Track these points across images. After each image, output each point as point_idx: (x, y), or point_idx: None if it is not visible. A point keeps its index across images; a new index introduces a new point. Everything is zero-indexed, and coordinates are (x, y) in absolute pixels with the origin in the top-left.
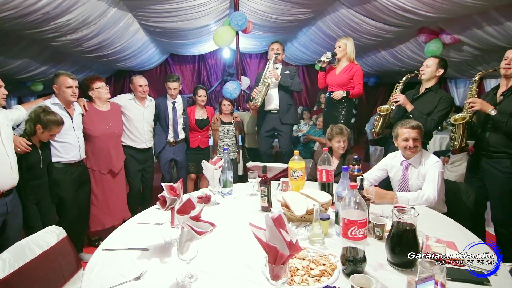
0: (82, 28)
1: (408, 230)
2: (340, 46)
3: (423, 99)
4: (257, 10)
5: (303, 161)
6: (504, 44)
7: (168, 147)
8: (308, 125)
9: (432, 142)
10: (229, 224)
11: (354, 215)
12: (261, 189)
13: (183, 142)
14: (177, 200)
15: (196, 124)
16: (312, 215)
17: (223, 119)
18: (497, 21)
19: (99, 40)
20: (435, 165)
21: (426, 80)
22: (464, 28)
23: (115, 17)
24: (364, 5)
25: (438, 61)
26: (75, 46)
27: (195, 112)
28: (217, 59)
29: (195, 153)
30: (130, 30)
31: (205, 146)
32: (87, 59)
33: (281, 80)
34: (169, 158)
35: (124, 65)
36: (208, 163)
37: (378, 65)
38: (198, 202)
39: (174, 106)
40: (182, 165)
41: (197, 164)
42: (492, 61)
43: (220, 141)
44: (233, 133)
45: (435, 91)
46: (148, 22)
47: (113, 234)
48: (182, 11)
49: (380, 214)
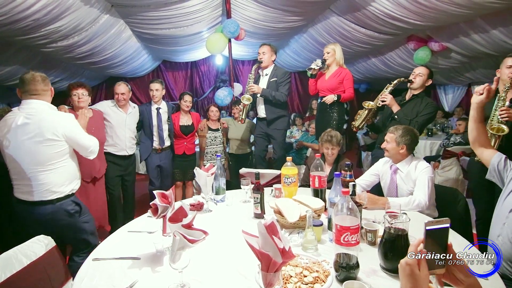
0: (73, 34)
1: (400, 235)
2: (329, 52)
3: (409, 105)
4: (249, 17)
5: (296, 167)
6: (490, 51)
7: (154, 154)
8: (300, 131)
9: (423, 148)
10: (222, 231)
11: (347, 221)
12: (254, 195)
13: (169, 149)
14: (169, 208)
15: (181, 131)
16: (305, 221)
17: (211, 126)
18: (483, 29)
19: (90, 46)
20: (425, 170)
21: (415, 88)
22: (451, 36)
23: (107, 24)
24: (354, 13)
25: (428, 71)
26: (66, 52)
27: (180, 118)
28: (210, 65)
29: (181, 160)
30: (122, 36)
31: (191, 153)
32: (78, 65)
33: (263, 93)
34: (155, 164)
35: (116, 71)
36: (201, 170)
37: (369, 71)
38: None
39: (158, 112)
40: (168, 172)
41: (183, 171)
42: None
43: (208, 148)
44: (220, 139)
45: (421, 97)
46: (140, 29)
47: (103, 243)
48: (174, 18)
49: (372, 220)
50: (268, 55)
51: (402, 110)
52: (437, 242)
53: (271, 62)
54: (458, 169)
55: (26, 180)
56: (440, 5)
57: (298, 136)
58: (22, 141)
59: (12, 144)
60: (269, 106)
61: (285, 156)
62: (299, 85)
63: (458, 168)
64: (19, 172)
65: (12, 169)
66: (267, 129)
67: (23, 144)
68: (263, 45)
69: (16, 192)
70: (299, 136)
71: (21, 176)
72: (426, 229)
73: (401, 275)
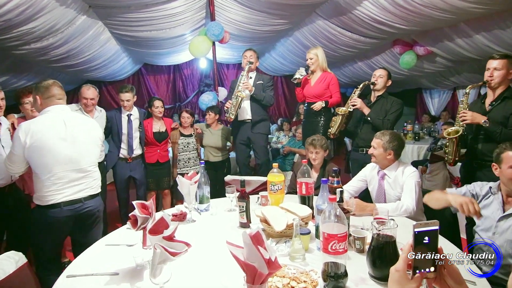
0: (48, 36)
1: (388, 242)
2: (312, 57)
3: (376, 106)
4: (234, 20)
5: (282, 174)
6: (474, 55)
7: (124, 164)
8: (287, 137)
9: (410, 152)
10: (206, 242)
11: (334, 228)
12: (239, 204)
13: (140, 158)
14: (149, 219)
15: (154, 138)
16: (292, 230)
17: (183, 132)
18: (467, 34)
19: (66, 49)
20: (411, 175)
21: (379, 89)
22: (436, 40)
23: (84, 25)
24: (340, 17)
25: (387, 73)
26: (40, 55)
27: (153, 125)
28: (194, 69)
29: (154, 168)
30: (100, 38)
31: (165, 161)
32: (52, 69)
33: (255, 92)
34: (126, 175)
35: (94, 75)
36: (184, 178)
37: (355, 75)
38: (172, 220)
39: (129, 119)
40: (142, 182)
41: (157, 180)
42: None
43: (180, 155)
44: (193, 146)
45: (385, 97)
46: (120, 30)
47: (78, 258)
48: (156, 20)
49: (360, 227)
50: (254, 60)
51: (372, 111)
52: (426, 245)
53: (255, 67)
54: (445, 173)
55: (81, 179)
56: (424, 10)
57: (285, 141)
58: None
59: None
60: (255, 107)
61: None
62: (285, 89)
63: (445, 173)
64: (77, 171)
65: (59, 172)
66: (249, 133)
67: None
68: (249, 50)
69: (54, 197)
70: (286, 142)
71: (76, 176)
72: (415, 231)
73: (391, 282)
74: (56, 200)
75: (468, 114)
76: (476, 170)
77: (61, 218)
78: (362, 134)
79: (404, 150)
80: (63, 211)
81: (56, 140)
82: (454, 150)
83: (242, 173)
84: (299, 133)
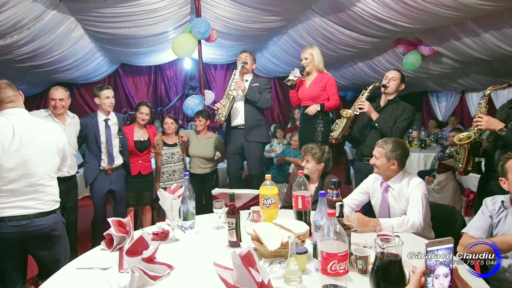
0: (13, 33)
1: (393, 261)
2: (307, 57)
3: (386, 111)
4: (221, 16)
5: (276, 186)
6: (483, 56)
7: (104, 176)
8: (282, 145)
9: (416, 161)
10: (191, 264)
11: (334, 247)
12: (229, 220)
13: (122, 169)
14: (126, 238)
15: (136, 147)
16: (287, 249)
17: (166, 141)
18: (475, 33)
19: (33, 47)
20: (417, 187)
21: (390, 93)
22: (442, 39)
23: (54, 21)
24: (338, 14)
25: (401, 75)
26: (3, 54)
27: (134, 133)
28: (177, 70)
29: (135, 181)
30: (72, 36)
31: (148, 172)
32: (17, 69)
33: (248, 93)
34: (105, 189)
35: (65, 76)
36: (166, 192)
37: (355, 77)
38: (152, 239)
39: (107, 124)
40: (122, 196)
41: (138, 194)
42: (473, 73)
43: (164, 167)
44: (179, 156)
45: (396, 102)
46: (95, 27)
47: (44, 284)
48: (135, 16)
49: (363, 245)
50: (250, 62)
51: (381, 117)
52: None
53: (251, 70)
54: (454, 184)
55: (31, 193)
56: (429, 7)
57: (279, 150)
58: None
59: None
60: (250, 111)
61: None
62: (279, 92)
63: (454, 183)
64: (25, 184)
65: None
66: (243, 141)
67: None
68: (244, 52)
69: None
70: (280, 150)
71: (24, 190)
72: (428, 250)
73: None
74: (0, 214)
75: (483, 119)
76: (493, 182)
77: (5, 235)
78: (368, 141)
79: (409, 159)
80: (7, 226)
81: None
82: (465, 158)
83: (232, 186)
84: (294, 141)
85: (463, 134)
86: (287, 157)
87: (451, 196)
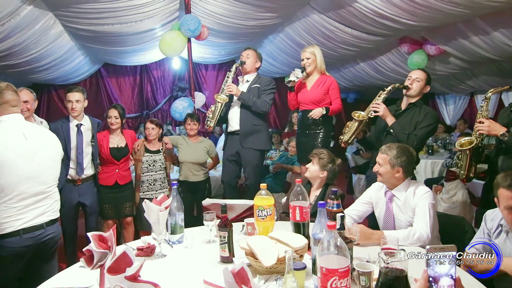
0: None
1: (398, 277)
2: (308, 57)
3: (406, 116)
4: (213, 13)
5: (272, 196)
6: (492, 55)
7: (72, 187)
8: (278, 151)
9: (423, 168)
10: (179, 282)
11: (335, 262)
12: (220, 234)
13: (92, 180)
14: (108, 254)
15: (111, 154)
16: (284, 264)
17: (148, 147)
18: (483, 31)
19: (8, 45)
20: (424, 196)
21: (413, 96)
22: (448, 38)
23: (31, 17)
24: (338, 10)
25: (426, 76)
26: None
27: (109, 139)
28: (165, 70)
29: (112, 192)
30: (50, 33)
31: (126, 182)
32: None
33: (241, 97)
34: (74, 201)
35: (42, 77)
36: (151, 202)
37: (357, 78)
38: (137, 255)
39: (79, 130)
40: (92, 210)
41: (116, 206)
42: (482, 74)
43: (144, 175)
44: (161, 164)
45: (419, 106)
46: (75, 24)
47: None
48: (119, 12)
49: (366, 259)
50: (252, 60)
51: (398, 122)
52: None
53: (255, 69)
54: (464, 192)
55: (42, 201)
56: (435, 3)
57: (275, 157)
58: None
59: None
60: (245, 115)
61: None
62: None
63: (464, 192)
64: (38, 191)
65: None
66: (239, 147)
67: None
68: (247, 49)
69: (11, 224)
70: (276, 157)
71: (37, 197)
72: (428, 256)
73: None
74: (15, 227)
75: (485, 124)
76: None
77: (19, 250)
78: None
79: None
80: (22, 240)
81: (16, 157)
82: (467, 165)
83: (226, 196)
84: (292, 147)
85: (464, 139)
86: (284, 165)
87: (460, 206)
